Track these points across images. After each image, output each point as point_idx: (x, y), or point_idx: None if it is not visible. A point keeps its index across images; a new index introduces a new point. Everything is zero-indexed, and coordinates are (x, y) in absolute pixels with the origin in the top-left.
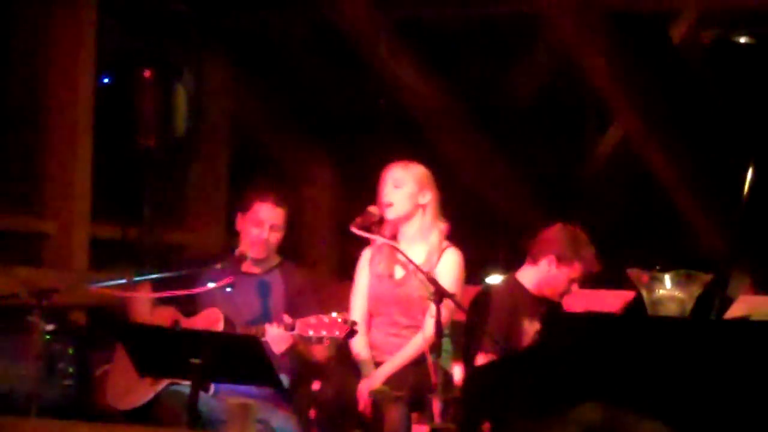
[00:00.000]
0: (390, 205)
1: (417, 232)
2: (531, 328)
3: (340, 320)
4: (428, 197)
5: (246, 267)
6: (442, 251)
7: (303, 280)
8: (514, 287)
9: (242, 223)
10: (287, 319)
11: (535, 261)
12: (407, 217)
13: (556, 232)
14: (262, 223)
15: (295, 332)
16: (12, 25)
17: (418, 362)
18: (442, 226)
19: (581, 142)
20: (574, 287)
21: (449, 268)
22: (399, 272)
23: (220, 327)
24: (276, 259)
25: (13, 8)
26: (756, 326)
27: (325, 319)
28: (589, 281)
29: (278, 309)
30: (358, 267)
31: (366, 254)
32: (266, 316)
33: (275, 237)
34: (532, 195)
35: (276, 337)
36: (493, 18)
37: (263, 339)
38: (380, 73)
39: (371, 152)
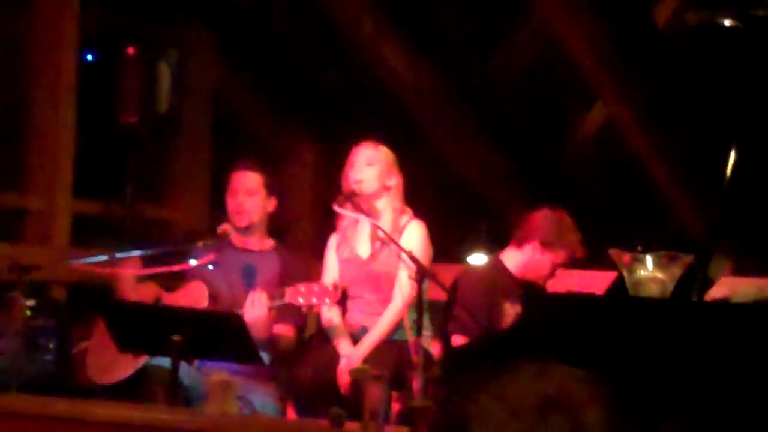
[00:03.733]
0: (360, 181)
1: (382, 209)
2: (512, 310)
3: (330, 287)
4: (394, 180)
5: (236, 240)
6: (404, 225)
7: (298, 264)
8: (496, 268)
9: (226, 198)
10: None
11: (519, 245)
12: (375, 196)
13: (542, 217)
14: (237, 190)
15: (285, 300)
16: None
17: (399, 344)
18: (406, 209)
19: (564, 124)
20: (558, 271)
21: (413, 238)
22: (367, 250)
23: (204, 302)
24: (268, 242)
25: None
26: (736, 308)
27: (315, 287)
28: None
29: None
30: (326, 254)
31: (332, 241)
32: None
33: (252, 203)
34: (514, 175)
35: (255, 318)
36: None
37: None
38: (364, 51)
39: (355, 131)
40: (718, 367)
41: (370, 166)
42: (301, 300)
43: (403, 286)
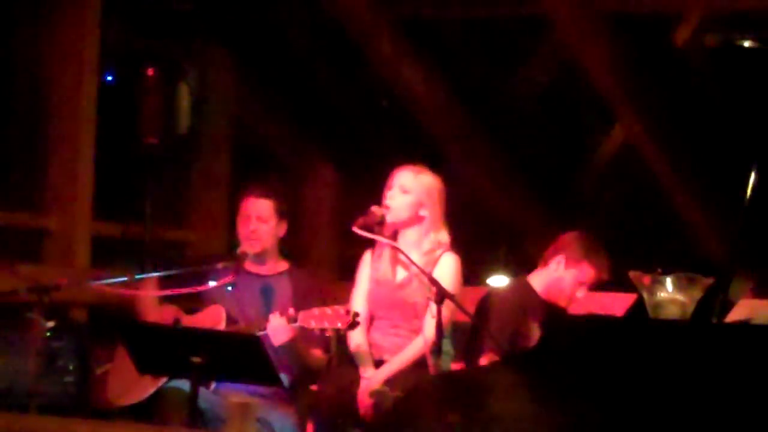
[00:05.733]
0: (389, 208)
1: (415, 240)
2: (537, 331)
3: (342, 312)
4: (431, 210)
5: (250, 267)
6: (438, 256)
7: (311, 285)
8: (523, 290)
9: (237, 221)
10: (291, 311)
11: (546, 263)
12: (406, 224)
13: (571, 236)
14: (249, 217)
15: (298, 324)
16: (15, 23)
17: (419, 363)
18: (443, 237)
19: (584, 145)
20: (581, 292)
21: (447, 271)
22: (399, 275)
23: (222, 325)
24: (282, 265)
25: (16, 7)
26: (757, 330)
27: (328, 311)
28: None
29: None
30: (359, 269)
31: (367, 257)
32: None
33: (264, 228)
34: (534, 197)
35: (276, 328)
36: (497, 19)
37: (264, 331)
38: (383, 72)
39: (373, 152)
40: (739, 389)
41: (404, 194)
42: (313, 323)
43: (429, 326)
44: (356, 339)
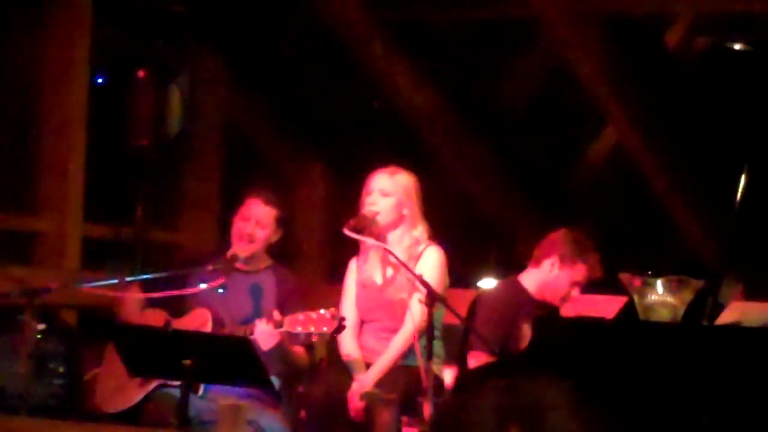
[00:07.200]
0: (376, 213)
1: (397, 238)
2: (529, 331)
3: (328, 316)
4: (410, 207)
5: (238, 265)
6: (421, 251)
7: (294, 284)
8: (515, 290)
9: (234, 219)
10: (276, 315)
11: (537, 263)
12: (392, 225)
13: (561, 235)
14: (249, 218)
15: (284, 329)
16: (6, 25)
17: (409, 366)
18: (423, 231)
19: (575, 147)
20: (575, 292)
21: (431, 264)
22: (386, 274)
23: (208, 327)
24: (267, 261)
25: (7, 8)
26: (746, 332)
27: (313, 315)
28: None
29: (269, 310)
30: (346, 277)
31: (352, 264)
32: (258, 317)
33: (261, 234)
34: (524, 199)
35: (264, 333)
36: (488, 22)
37: (251, 336)
38: (374, 75)
39: (364, 155)
40: (729, 391)
41: (385, 197)
42: (299, 329)
43: (414, 312)
44: (347, 346)
